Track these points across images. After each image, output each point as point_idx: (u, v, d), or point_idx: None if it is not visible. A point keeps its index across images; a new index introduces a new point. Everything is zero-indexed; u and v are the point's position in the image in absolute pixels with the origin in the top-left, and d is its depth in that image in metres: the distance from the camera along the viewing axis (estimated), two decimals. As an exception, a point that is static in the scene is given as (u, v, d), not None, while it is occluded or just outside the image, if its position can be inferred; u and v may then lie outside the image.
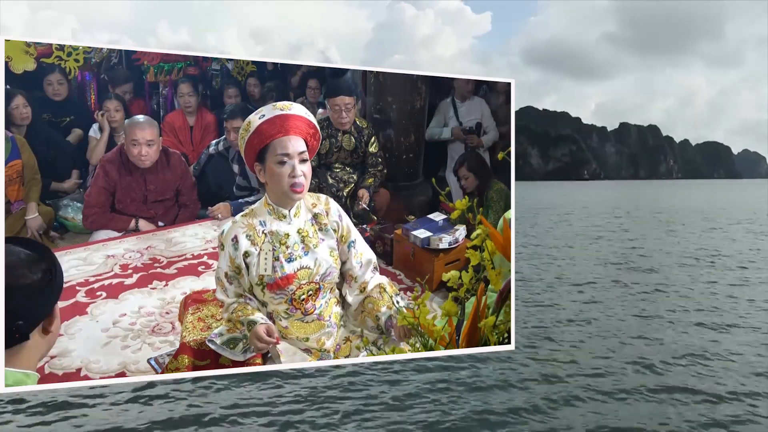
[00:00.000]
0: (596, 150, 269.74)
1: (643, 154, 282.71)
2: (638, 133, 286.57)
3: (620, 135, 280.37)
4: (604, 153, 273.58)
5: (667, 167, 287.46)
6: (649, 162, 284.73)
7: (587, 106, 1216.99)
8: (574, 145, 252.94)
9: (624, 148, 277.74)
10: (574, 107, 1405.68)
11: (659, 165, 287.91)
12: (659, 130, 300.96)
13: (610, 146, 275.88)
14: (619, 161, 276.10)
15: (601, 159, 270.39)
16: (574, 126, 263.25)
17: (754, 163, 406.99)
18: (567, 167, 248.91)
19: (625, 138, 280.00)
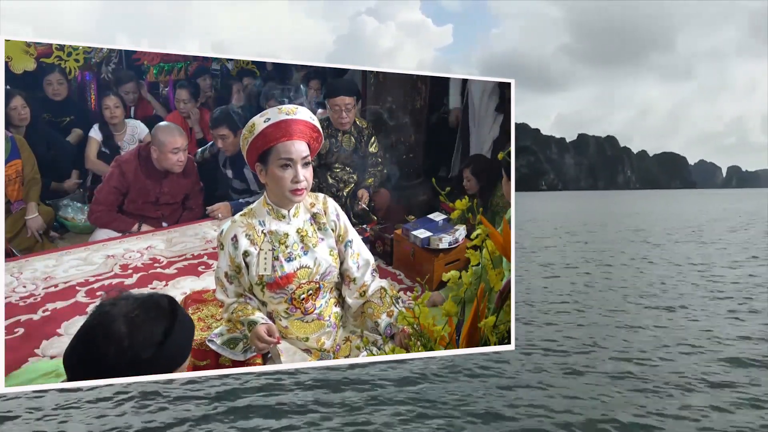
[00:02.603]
0: (555, 161, 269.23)
1: (602, 165, 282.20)
2: (596, 144, 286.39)
3: (579, 146, 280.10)
4: (563, 164, 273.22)
5: (625, 177, 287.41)
6: (607, 172, 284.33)
7: (547, 117, 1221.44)
8: (533, 156, 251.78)
9: (583, 159, 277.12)
10: (534, 119, 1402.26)
11: (617, 175, 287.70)
12: (617, 140, 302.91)
13: (569, 157, 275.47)
14: (578, 172, 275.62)
15: (560, 170, 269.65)
16: (532, 137, 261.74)
17: (710, 173, 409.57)
18: (525, 178, 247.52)
19: (584, 149, 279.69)
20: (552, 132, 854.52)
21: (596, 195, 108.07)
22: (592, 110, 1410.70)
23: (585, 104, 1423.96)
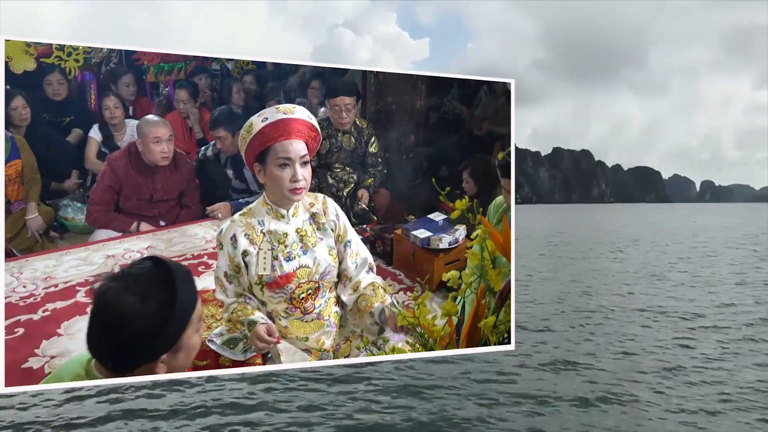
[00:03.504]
0: (530, 174, 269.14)
1: (576, 179, 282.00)
2: (571, 157, 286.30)
3: (553, 159, 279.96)
4: (538, 177, 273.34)
5: (599, 191, 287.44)
6: (581, 186, 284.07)
7: (524, 131, 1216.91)
8: None
9: (557, 172, 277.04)
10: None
11: (592, 189, 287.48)
12: (592, 154, 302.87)
13: (543, 170, 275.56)
14: (553, 185, 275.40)
15: (534, 183, 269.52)
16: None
17: (684, 187, 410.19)
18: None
19: (559, 162, 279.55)
20: (527, 145, 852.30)
21: (571, 208, 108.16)
22: (568, 124, 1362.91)
23: (560, 118, 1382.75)
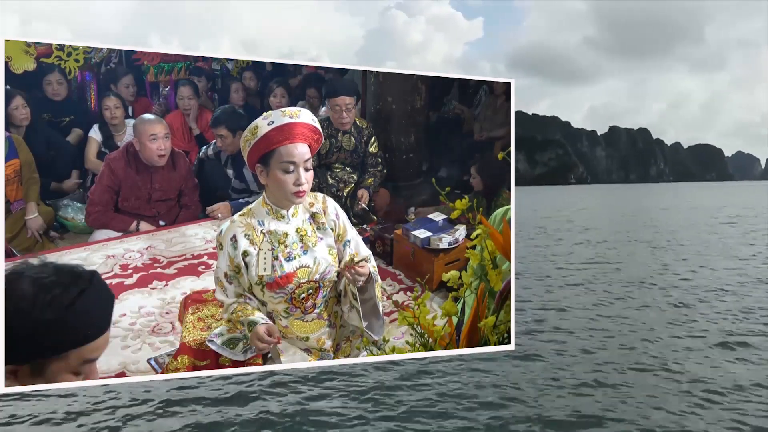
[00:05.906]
0: (586, 154, 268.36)
1: (634, 158, 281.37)
2: (628, 136, 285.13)
3: (610, 139, 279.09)
4: (594, 157, 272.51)
5: (658, 170, 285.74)
6: (639, 165, 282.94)
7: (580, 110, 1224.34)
8: (561, 150, 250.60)
9: (614, 151, 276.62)
10: (566, 112, 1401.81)
11: (650, 168, 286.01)
12: (650, 133, 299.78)
13: (600, 150, 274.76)
14: (610, 165, 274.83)
15: (590, 163, 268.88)
16: (563, 130, 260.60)
17: (748, 164, 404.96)
18: (554, 172, 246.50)
19: (615, 141, 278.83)
20: (583, 125, 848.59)
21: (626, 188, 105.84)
22: (623, 102, 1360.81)
23: (615, 97, 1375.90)
